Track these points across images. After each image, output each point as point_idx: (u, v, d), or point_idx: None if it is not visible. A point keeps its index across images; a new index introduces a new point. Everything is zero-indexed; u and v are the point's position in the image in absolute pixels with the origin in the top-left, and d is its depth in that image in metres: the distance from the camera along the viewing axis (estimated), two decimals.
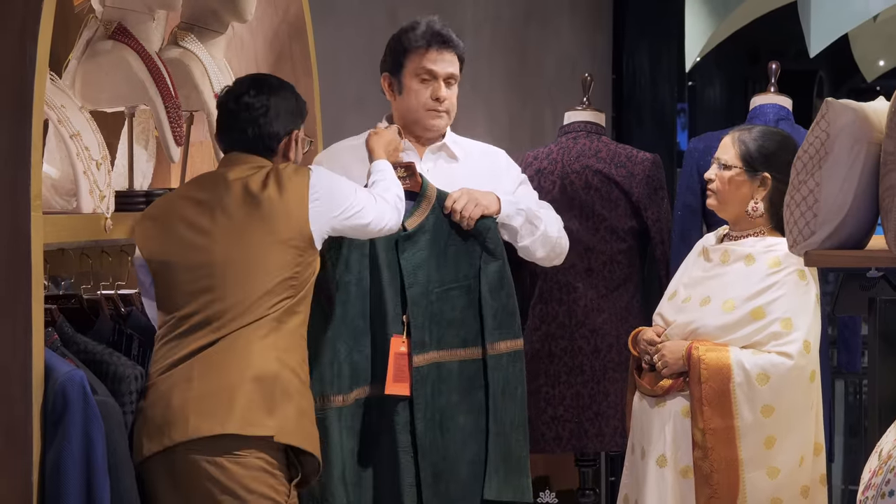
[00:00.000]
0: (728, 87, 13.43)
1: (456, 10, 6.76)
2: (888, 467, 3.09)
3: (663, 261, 5.01)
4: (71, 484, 3.21)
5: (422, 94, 4.08)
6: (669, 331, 4.04)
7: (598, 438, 4.99)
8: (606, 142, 5.07)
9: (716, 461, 3.90)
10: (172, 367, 3.50)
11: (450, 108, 4.12)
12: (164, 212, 3.64)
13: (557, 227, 4.24)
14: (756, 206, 4.00)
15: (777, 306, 3.93)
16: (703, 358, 3.91)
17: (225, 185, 3.61)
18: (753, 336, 3.93)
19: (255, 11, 4.10)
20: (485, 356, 4.02)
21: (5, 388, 3.19)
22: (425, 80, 4.07)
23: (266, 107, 3.66)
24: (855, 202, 3.17)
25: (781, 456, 3.94)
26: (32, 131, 3.18)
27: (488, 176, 4.17)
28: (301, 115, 3.76)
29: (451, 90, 4.11)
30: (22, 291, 3.17)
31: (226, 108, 3.70)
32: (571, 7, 8.32)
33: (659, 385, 4.01)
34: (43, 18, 3.20)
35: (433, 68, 4.07)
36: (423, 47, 4.07)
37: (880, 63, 8.02)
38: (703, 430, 3.91)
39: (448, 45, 4.08)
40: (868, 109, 3.25)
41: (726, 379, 3.89)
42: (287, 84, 3.76)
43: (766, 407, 3.90)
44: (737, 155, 4.01)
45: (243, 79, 3.76)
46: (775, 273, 3.95)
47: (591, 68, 6.92)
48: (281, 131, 3.70)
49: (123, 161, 3.93)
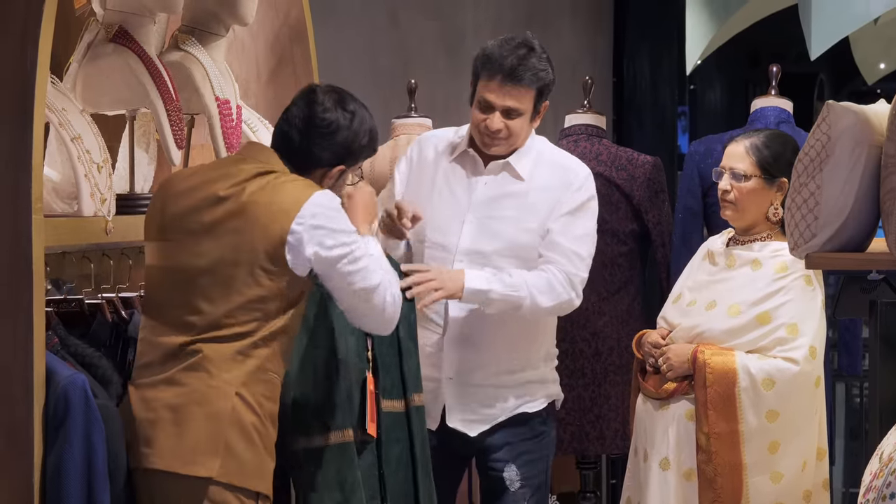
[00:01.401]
0: (729, 90, 13.42)
1: (456, 12, 6.77)
2: (889, 470, 3.09)
3: (664, 264, 5.01)
4: (72, 487, 3.20)
5: (478, 119, 4.02)
6: (674, 334, 4.04)
7: (599, 441, 4.99)
8: (607, 145, 5.07)
9: (720, 465, 3.89)
10: (141, 375, 3.42)
11: (509, 137, 4.02)
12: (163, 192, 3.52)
13: (558, 292, 4.02)
14: (777, 212, 3.99)
15: (783, 312, 3.93)
16: (708, 362, 3.90)
17: (222, 176, 3.43)
18: (759, 341, 3.93)
19: (256, 14, 4.10)
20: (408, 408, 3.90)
21: (7, 391, 3.18)
22: (483, 108, 4.00)
23: (329, 128, 3.44)
24: (856, 205, 3.17)
25: (785, 461, 3.93)
26: (34, 134, 3.17)
27: (552, 194, 4.06)
28: (361, 152, 3.51)
29: (513, 121, 3.99)
30: (23, 295, 3.17)
31: (291, 107, 3.49)
32: (572, 10, 8.33)
33: (663, 388, 4.01)
34: (44, 22, 3.20)
35: (491, 100, 3.98)
36: (488, 77, 3.98)
37: (881, 66, 8.01)
38: (707, 434, 3.90)
39: (515, 80, 3.96)
40: (869, 112, 3.25)
41: (731, 383, 3.89)
42: (365, 112, 3.51)
43: (771, 412, 3.90)
44: (754, 164, 3.99)
45: (328, 88, 3.52)
46: (782, 278, 3.95)
47: (591, 71, 6.92)
48: (326, 159, 3.47)
49: (124, 164, 3.93)
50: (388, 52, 6.16)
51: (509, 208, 4.05)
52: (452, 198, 4.10)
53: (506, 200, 4.06)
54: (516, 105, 3.98)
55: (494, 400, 4.10)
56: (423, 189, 4.12)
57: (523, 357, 4.13)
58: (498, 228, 4.05)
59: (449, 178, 4.12)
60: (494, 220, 4.05)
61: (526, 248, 4.05)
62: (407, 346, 3.85)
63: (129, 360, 3.60)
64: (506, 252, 4.04)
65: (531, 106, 4.02)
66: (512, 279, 3.98)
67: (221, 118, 3.97)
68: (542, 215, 4.05)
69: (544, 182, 4.08)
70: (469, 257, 4.04)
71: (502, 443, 4.11)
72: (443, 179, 4.12)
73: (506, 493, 4.13)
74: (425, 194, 4.10)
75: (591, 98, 5.13)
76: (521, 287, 3.99)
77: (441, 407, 4.10)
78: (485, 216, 4.06)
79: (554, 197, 4.06)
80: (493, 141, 4.02)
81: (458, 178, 4.11)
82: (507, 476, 4.12)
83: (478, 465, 4.21)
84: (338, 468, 3.59)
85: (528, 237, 4.05)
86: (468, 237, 4.05)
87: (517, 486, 4.12)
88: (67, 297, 3.64)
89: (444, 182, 4.11)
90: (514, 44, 3.99)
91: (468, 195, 4.08)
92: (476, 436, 4.11)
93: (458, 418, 4.09)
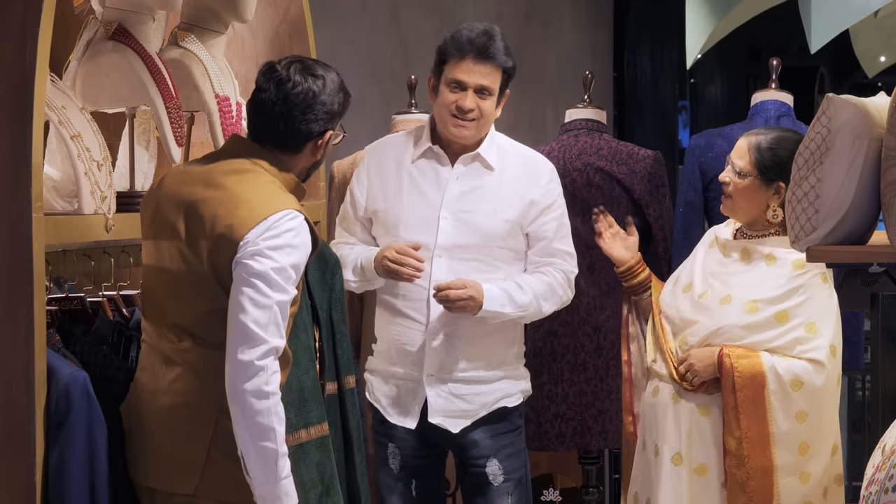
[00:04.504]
0: (729, 84, 13.41)
1: (456, 8, 6.77)
2: (891, 462, 3.09)
3: (665, 258, 5.00)
4: (74, 486, 3.21)
5: (449, 101, 4.05)
6: (689, 331, 4.01)
7: (602, 436, 4.99)
8: (608, 139, 5.07)
9: (752, 469, 3.88)
10: (138, 380, 3.41)
11: (478, 119, 4.06)
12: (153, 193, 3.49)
13: (559, 295, 4.18)
14: (776, 213, 3.98)
15: (801, 311, 3.92)
16: (735, 365, 3.88)
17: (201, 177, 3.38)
18: (777, 339, 3.92)
19: (256, 11, 4.10)
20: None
21: (8, 389, 3.19)
22: (455, 89, 4.05)
23: (307, 101, 3.40)
24: (856, 198, 3.17)
25: (813, 460, 3.93)
26: (33, 133, 3.17)
27: (523, 185, 4.14)
28: (342, 111, 3.49)
29: (484, 101, 4.05)
30: (24, 293, 3.17)
31: (260, 94, 3.42)
32: (572, 5, 8.33)
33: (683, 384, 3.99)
34: (43, 20, 3.20)
35: (463, 79, 4.03)
36: (458, 57, 4.03)
37: (882, 59, 7.99)
38: (738, 439, 3.89)
39: (485, 57, 4.02)
40: (869, 105, 3.24)
41: (761, 386, 3.87)
42: (333, 74, 3.48)
43: (801, 413, 3.89)
44: (751, 163, 3.98)
45: (288, 62, 3.44)
46: (800, 276, 3.93)
47: (592, 66, 6.93)
48: (315, 130, 3.45)
49: (124, 162, 3.93)
50: (388, 49, 6.16)
51: (484, 200, 4.10)
52: (423, 197, 4.11)
53: (479, 192, 4.11)
54: (488, 83, 4.04)
55: (476, 395, 4.13)
56: (389, 194, 4.14)
57: (501, 352, 4.17)
58: (475, 221, 4.09)
59: (415, 178, 4.14)
60: (470, 214, 4.09)
61: (504, 239, 4.11)
62: (340, 330, 3.84)
63: (131, 358, 3.60)
64: (484, 244, 4.09)
65: (498, 88, 4.08)
66: (524, 296, 4.08)
67: (221, 115, 3.97)
68: (516, 206, 4.12)
69: (514, 172, 4.15)
70: (448, 252, 4.08)
71: (483, 438, 4.14)
72: (409, 181, 4.13)
73: (489, 489, 4.16)
74: (392, 198, 4.13)
75: (591, 93, 5.13)
76: (531, 304, 4.10)
77: (420, 405, 4.12)
78: (460, 210, 4.09)
79: (525, 187, 4.13)
80: (464, 123, 4.05)
81: (426, 177, 4.13)
82: (489, 471, 4.15)
83: (458, 462, 4.23)
84: (318, 461, 3.60)
85: (506, 227, 4.11)
86: (445, 233, 4.08)
87: (500, 480, 4.15)
88: (69, 295, 3.64)
89: (411, 183, 4.13)
90: (480, 30, 4.05)
91: (439, 192, 4.11)
92: (458, 432, 4.12)
93: (440, 415, 4.11)
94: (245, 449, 3.23)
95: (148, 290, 3.46)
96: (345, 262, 4.07)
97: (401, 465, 4.18)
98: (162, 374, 3.36)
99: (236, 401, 3.22)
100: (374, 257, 4.05)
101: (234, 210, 3.28)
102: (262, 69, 3.46)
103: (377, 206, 4.15)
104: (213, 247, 3.28)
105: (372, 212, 4.16)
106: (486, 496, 4.16)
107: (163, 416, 3.33)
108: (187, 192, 3.37)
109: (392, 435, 4.17)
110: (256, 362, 3.21)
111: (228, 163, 3.41)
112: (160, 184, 3.49)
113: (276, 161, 3.42)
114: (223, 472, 3.30)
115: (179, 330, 3.35)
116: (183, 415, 3.32)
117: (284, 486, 3.27)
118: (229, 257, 3.26)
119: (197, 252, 3.31)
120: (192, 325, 3.33)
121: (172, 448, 3.32)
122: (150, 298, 3.44)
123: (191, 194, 3.36)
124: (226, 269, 3.27)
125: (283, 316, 3.26)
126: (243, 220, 3.26)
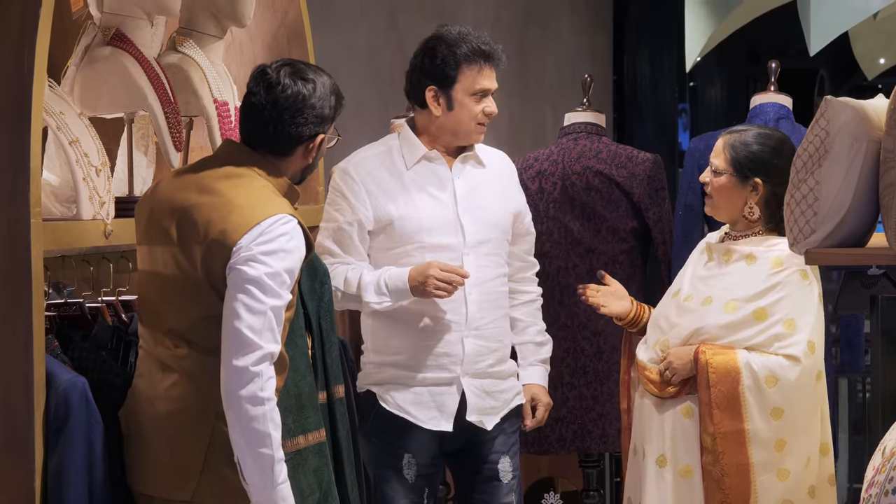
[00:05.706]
0: (729, 87, 13.41)
1: (455, 11, 6.77)
2: (891, 465, 3.09)
3: (665, 261, 5.00)
4: (73, 491, 3.20)
5: (475, 110, 4.10)
6: (670, 333, 4.03)
7: (602, 439, 4.99)
8: (607, 142, 5.07)
9: (727, 466, 3.88)
10: (135, 386, 3.40)
11: None
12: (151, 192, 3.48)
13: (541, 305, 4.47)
14: (752, 210, 3.99)
15: (779, 307, 3.92)
16: (710, 361, 3.89)
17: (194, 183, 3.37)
18: (755, 337, 3.92)
19: (254, 16, 4.10)
20: None
21: (7, 394, 3.18)
22: (481, 98, 4.10)
23: (296, 104, 3.38)
24: (855, 200, 3.17)
25: (790, 458, 3.92)
26: (31, 138, 3.17)
27: (506, 178, 4.29)
28: (334, 115, 3.46)
29: None
30: (23, 299, 3.17)
31: (251, 97, 3.40)
32: (571, 8, 8.33)
33: (667, 389, 4.00)
34: (41, 25, 3.20)
35: (489, 86, 4.10)
36: (477, 66, 4.08)
37: (881, 61, 7.99)
38: (713, 435, 3.89)
39: (496, 60, 4.12)
40: (867, 107, 3.25)
41: (735, 382, 3.88)
42: (325, 77, 3.45)
43: (776, 409, 3.89)
44: (727, 160, 3.99)
45: (279, 65, 3.43)
46: (777, 273, 3.94)
47: (591, 69, 6.93)
48: (305, 133, 3.44)
49: (123, 167, 3.93)
50: (386, 52, 6.16)
51: (489, 195, 4.19)
52: (434, 200, 4.12)
53: (482, 189, 4.19)
54: (497, 86, 4.16)
55: (500, 392, 4.19)
56: (399, 203, 4.11)
57: (507, 348, 4.26)
58: (490, 217, 4.17)
59: (419, 183, 4.13)
60: (485, 210, 4.16)
61: (507, 232, 4.25)
62: (329, 339, 3.80)
63: (130, 363, 3.59)
64: (499, 237, 4.19)
65: None
66: (546, 346, 4.40)
67: (220, 120, 3.97)
68: (513, 198, 4.28)
69: (498, 167, 4.29)
70: (475, 250, 4.12)
71: (500, 435, 4.19)
72: (414, 187, 4.13)
73: (500, 486, 4.19)
74: (404, 206, 4.10)
75: (590, 96, 5.13)
76: (548, 344, 4.41)
77: (456, 405, 4.11)
78: (474, 208, 4.14)
79: (507, 180, 4.29)
80: (485, 127, 4.16)
81: (429, 181, 4.13)
82: (501, 468, 4.19)
83: (467, 462, 4.23)
84: (316, 467, 3.58)
85: (510, 220, 4.26)
86: (471, 231, 4.12)
87: (509, 477, 4.20)
88: (67, 300, 3.64)
89: (417, 188, 4.13)
90: (480, 37, 4.12)
91: (448, 193, 4.13)
92: (491, 429, 4.16)
93: (477, 413, 4.13)
94: (241, 455, 3.23)
95: (143, 296, 3.45)
96: (354, 283, 4.04)
97: (417, 474, 4.14)
98: (159, 381, 3.35)
99: (232, 407, 3.22)
100: (405, 277, 4.00)
101: (227, 215, 3.27)
102: (254, 72, 3.45)
103: (390, 216, 4.09)
104: (207, 252, 3.27)
105: (385, 223, 4.11)
106: (495, 494, 4.19)
107: (160, 422, 3.33)
108: (180, 197, 3.37)
109: (409, 445, 4.13)
110: (251, 368, 3.21)
111: (221, 168, 3.40)
112: (154, 189, 3.48)
113: (268, 165, 3.41)
114: (220, 478, 3.29)
115: (175, 336, 3.34)
116: (180, 421, 3.31)
117: (281, 492, 3.26)
118: (223, 263, 3.25)
119: (191, 258, 3.30)
120: (187, 331, 3.33)
121: (169, 454, 3.32)
122: (146, 304, 3.43)
123: (184, 200, 3.35)
124: (220, 275, 3.27)
125: (277, 321, 3.26)
126: (236, 225, 3.26)
